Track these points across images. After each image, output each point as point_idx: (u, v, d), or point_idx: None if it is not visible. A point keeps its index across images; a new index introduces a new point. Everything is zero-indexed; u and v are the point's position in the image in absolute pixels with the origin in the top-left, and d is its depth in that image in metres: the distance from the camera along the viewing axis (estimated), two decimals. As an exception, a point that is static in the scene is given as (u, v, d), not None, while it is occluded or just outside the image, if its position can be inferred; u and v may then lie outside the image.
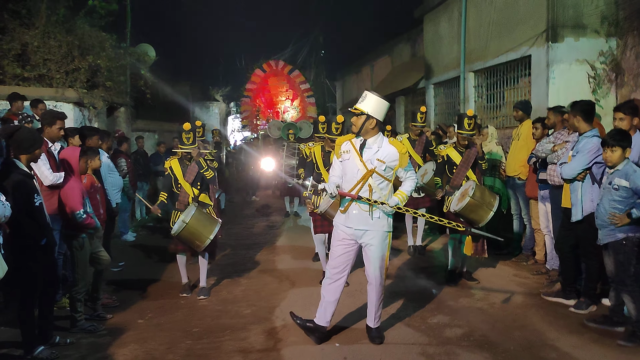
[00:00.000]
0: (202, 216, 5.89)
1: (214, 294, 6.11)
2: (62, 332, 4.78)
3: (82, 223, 4.84)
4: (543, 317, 5.09)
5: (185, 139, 6.08)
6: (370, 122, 4.39)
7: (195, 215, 5.77)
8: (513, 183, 7.27)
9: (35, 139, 4.38)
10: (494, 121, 9.72)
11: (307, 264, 7.44)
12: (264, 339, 4.72)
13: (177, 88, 18.91)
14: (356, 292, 5.90)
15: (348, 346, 4.52)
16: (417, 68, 13.86)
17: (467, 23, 10.36)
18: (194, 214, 5.76)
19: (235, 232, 10.15)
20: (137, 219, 10.75)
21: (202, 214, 5.93)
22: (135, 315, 5.42)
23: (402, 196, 4.47)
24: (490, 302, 5.59)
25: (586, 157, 5.01)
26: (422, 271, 6.92)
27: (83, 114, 9.19)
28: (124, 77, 10.94)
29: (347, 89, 23.00)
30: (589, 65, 7.85)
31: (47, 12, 9.04)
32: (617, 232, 4.50)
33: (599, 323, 4.79)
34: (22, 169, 4.24)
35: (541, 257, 6.90)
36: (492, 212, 5.86)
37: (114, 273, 7.02)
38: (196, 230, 5.77)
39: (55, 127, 5.56)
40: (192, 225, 5.73)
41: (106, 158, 7.10)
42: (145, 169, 10.72)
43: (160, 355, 4.42)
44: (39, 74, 8.87)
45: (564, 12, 7.86)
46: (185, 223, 5.69)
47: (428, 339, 4.64)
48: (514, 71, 9.13)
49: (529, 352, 4.33)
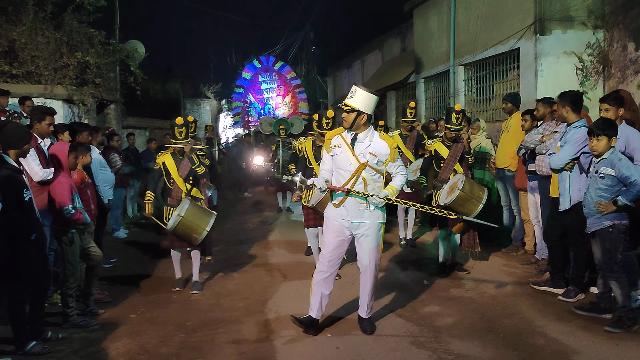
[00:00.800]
0: (197, 209, 5.90)
1: (207, 288, 6.13)
2: (54, 328, 4.78)
3: (71, 218, 4.84)
4: (532, 306, 5.16)
5: (177, 133, 6.04)
6: (362, 117, 4.43)
7: (190, 209, 5.78)
8: (503, 175, 7.33)
9: (24, 134, 4.37)
10: (484, 114, 9.78)
11: (300, 258, 7.47)
12: (257, 331, 4.76)
13: (168, 85, 18.88)
14: (347, 284, 5.94)
15: (340, 337, 4.56)
16: (407, 62, 13.90)
17: (456, 17, 10.40)
18: (188, 207, 5.76)
19: (228, 227, 10.16)
20: (129, 216, 10.73)
21: (197, 206, 5.94)
22: (128, 310, 5.43)
23: (393, 190, 4.52)
24: (481, 292, 5.65)
25: (574, 147, 5.07)
26: (413, 263, 6.97)
27: (73, 111, 9.15)
28: (113, 73, 10.88)
29: (338, 84, 23.03)
30: (577, 57, 7.92)
31: (35, 9, 8.96)
32: (603, 220, 4.57)
33: (587, 310, 4.86)
34: (11, 164, 4.22)
35: (531, 248, 6.97)
36: (481, 204, 5.91)
37: (106, 269, 6.99)
38: (192, 223, 5.77)
39: (45, 122, 5.54)
40: (187, 218, 5.73)
41: (97, 154, 7.08)
42: (136, 166, 10.69)
43: (154, 349, 4.44)
44: (27, 71, 8.81)
45: (551, 5, 7.92)
46: (181, 216, 5.69)
47: (419, 329, 4.69)
48: (503, 64, 9.19)
49: (517, 339, 4.39)
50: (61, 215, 4.82)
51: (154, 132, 14.58)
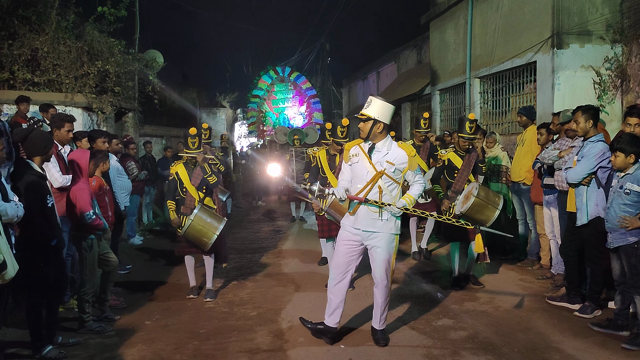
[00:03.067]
0: (207, 214, 5.97)
1: (221, 297, 6.16)
2: (69, 332, 4.85)
3: (91, 224, 4.91)
4: (547, 321, 5.11)
5: (190, 143, 6.12)
6: (378, 126, 4.46)
7: (199, 213, 5.87)
8: (518, 188, 7.29)
9: (48, 140, 4.47)
10: (500, 127, 9.75)
11: (313, 268, 7.47)
12: (271, 340, 4.77)
13: (185, 94, 19.06)
14: (361, 295, 5.93)
15: (353, 347, 4.56)
16: (423, 74, 13.92)
17: (472, 30, 10.41)
18: (197, 212, 5.86)
19: (241, 236, 10.21)
20: (144, 223, 10.83)
21: (207, 211, 6.00)
22: (143, 317, 5.48)
23: (410, 199, 4.53)
24: (495, 306, 5.61)
25: (591, 162, 5.04)
26: (427, 275, 6.94)
27: (92, 119, 9.29)
28: (132, 82, 11.04)
29: (353, 95, 23.10)
30: (595, 71, 7.87)
31: (57, 18, 9.15)
32: (628, 236, 4.52)
33: (604, 327, 4.80)
34: (36, 170, 4.32)
35: (546, 262, 6.91)
36: (497, 210, 5.88)
37: (122, 275, 7.08)
38: (202, 227, 5.84)
39: (64, 129, 5.63)
40: (196, 222, 5.81)
41: (115, 161, 7.18)
42: (153, 173, 10.81)
43: (168, 356, 4.47)
44: (49, 79, 8.98)
45: (569, 19, 7.90)
46: (191, 220, 5.78)
47: (432, 341, 4.67)
48: (519, 77, 9.17)
49: (532, 354, 4.34)
50: (82, 220, 4.89)
51: (170, 140, 14.73)
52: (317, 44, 28.58)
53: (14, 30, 8.83)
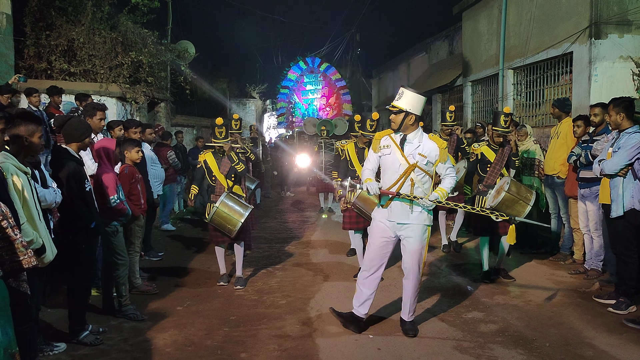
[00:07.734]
0: (232, 201, 6.04)
1: (250, 285, 6.24)
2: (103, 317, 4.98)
3: (115, 208, 4.99)
4: (580, 316, 5.02)
5: (218, 133, 6.24)
6: (410, 118, 4.44)
7: (225, 200, 5.95)
8: (552, 182, 7.16)
9: (86, 128, 4.57)
10: (533, 119, 9.56)
11: (341, 259, 7.50)
12: (299, 328, 4.81)
13: (215, 85, 19.24)
14: (390, 286, 5.93)
15: (382, 337, 4.57)
16: (454, 65, 13.72)
17: (507, 20, 10.21)
18: (223, 198, 5.94)
19: (270, 226, 10.30)
20: (175, 212, 11.01)
21: (232, 198, 6.08)
22: (175, 303, 5.59)
23: (443, 192, 4.50)
24: (526, 300, 5.54)
25: (629, 153, 4.93)
26: (457, 268, 6.89)
27: (125, 109, 9.47)
28: (164, 73, 11.21)
29: (383, 86, 22.92)
30: (634, 62, 7.64)
31: (93, 10, 9.34)
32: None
33: (638, 323, 4.70)
34: (75, 155, 4.43)
35: (579, 257, 6.78)
36: (529, 205, 5.79)
37: (154, 262, 7.24)
38: (227, 214, 5.92)
39: (96, 117, 5.69)
40: (222, 208, 5.90)
41: (149, 150, 7.30)
42: (184, 163, 10.97)
43: (199, 341, 4.56)
44: (84, 69, 9.19)
45: (607, 8, 7.67)
46: (216, 207, 5.87)
47: (462, 334, 4.65)
48: (554, 68, 8.96)
49: (564, 349, 4.28)
50: (106, 205, 4.97)
51: (201, 130, 14.91)
52: (348, 35, 28.46)
53: (52, 21, 9.06)
